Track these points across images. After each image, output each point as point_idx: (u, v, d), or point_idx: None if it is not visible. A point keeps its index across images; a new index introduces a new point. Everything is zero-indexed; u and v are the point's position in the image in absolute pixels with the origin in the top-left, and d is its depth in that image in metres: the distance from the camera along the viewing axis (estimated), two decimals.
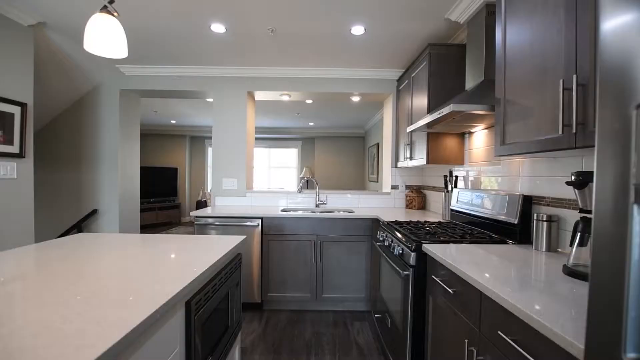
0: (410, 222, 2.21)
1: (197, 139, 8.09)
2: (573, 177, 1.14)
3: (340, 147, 7.93)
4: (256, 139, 8.17)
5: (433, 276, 1.41)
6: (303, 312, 2.72)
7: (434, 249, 1.43)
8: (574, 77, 0.99)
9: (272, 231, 2.71)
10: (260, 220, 2.69)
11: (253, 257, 2.69)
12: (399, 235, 1.80)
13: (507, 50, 1.39)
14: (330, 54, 2.88)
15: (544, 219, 1.44)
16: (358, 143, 7.92)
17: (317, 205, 3.24)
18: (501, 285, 0.97)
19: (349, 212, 2.89)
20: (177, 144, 7.80)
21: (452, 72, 2.38)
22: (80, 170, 3.39)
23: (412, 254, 1.55)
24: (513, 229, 1.61)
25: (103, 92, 3.35)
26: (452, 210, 2.32)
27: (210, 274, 1.17)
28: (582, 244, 1.10)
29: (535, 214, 1.48)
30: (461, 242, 1.58)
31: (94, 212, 3.33)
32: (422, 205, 3.17)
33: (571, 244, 1.14)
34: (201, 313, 1.04)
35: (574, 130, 1.00)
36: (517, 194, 1.62)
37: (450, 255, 1.33)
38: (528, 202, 1.60)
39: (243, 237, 1.63)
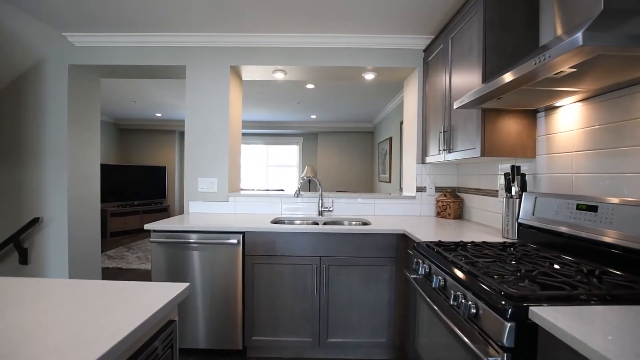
0: (465, 244, 1.45)
1: None
2: None
3: (346, 144, 7.16)
4: (253, 134, 7.43)
5: None
6: None
7: (566, 326, 0.68)
8: None
9: (258, 251, 1.96)
10: (241, 235, 1.94)
11: (233, 287, 1.95)
12: (464, 275, 1.05)
13: None
14: (337, 12, 2.13)
15: None
16: (366, 139, 7.14)
17: (320, 214, 2.49)
18: None
19: (365, 224, 2.14)
20: (165, 140, 7.07)
21: (517, 22, 1.63)
22: (20, 169, 2.66)
23: (509, 325, 0.79)
24: None
25: (48, 68, 2.62)
26: (521, 225, 1.56)
27: None
28: None
29: None
30: (598, 301, 0.82)
31: (35, 221, 2.61)
32: (459, 214, 2.41)
33: None
34: None
35: None
36: None
37: (606, 344, 0.58)
38: None
39: (184, 285, 0.89)
